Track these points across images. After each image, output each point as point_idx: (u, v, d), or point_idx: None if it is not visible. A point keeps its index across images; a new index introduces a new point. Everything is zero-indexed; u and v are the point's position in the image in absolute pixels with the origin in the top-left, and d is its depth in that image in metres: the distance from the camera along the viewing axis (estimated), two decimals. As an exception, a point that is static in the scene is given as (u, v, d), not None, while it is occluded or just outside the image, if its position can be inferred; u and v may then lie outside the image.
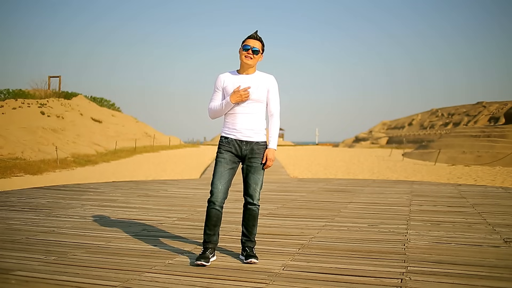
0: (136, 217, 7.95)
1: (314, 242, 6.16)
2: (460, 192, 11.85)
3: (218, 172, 5.17)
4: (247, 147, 5.18)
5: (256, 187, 5.20)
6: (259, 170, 5.20)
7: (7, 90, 53.52)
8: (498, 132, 41.62)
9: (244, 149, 5.18)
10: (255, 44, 5.18)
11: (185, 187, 12.89)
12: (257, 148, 5.20)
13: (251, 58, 5.16)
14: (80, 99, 60.25)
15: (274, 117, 5.30)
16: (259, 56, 5.23)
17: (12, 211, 8.38)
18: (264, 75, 5.28)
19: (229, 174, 5.19)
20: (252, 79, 5.20)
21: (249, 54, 5.15)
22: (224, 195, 5.18)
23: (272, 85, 5.26)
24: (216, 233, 5.24)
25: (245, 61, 5.17)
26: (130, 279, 4.50)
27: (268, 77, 5.28)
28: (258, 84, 5.19)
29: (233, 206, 8.53)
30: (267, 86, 5.24)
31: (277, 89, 5.31)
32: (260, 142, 5.22)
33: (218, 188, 5.14)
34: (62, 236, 6.40)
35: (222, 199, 5.17)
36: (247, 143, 5.18)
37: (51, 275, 4.59)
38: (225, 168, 5.17)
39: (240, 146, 5.18)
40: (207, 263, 5.03)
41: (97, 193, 11.34)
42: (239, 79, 5.21)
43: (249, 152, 5.19)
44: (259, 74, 5.28)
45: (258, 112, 5.21)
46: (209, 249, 5.17)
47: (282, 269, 4.89)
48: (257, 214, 5.27)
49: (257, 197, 5.23)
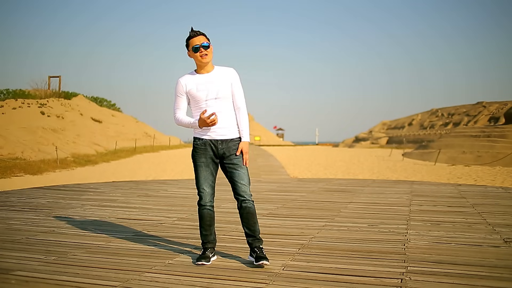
0: (136, 217, 7.95)
1: (314, 242, 6.16)
2: (460, 192, 11.84)
3: (201, 177, 5.18)
4: (223, 145, 5.14)
5: (244, 182, 5.13)
6: (240, 165, 5.16)
7: (7, 90, 53.51)
8: (498, 132, 41.61)
9: (220, 148, 5.14)
10: (200, 40, 5.10)
11: (185, 187, 12.89)
12: (233, 145, 5.16)
13: (206, 55, 5.09)
14: (80, 99, 60.25)
15: (241, 110, 5.23)
16: (211, 48, 5.15)
17: (12, 211, 8.38)
18: (224, 70, 5.22)
19: (212, 175, 5.21)
20: (214, 76, 5.15)
21: (202, 52, 5.08)
22: (212, 195, 5.23)
23: (234, 78, 5.21)
24: (212, 232, 5.26)
25: (202, 60, 5.10)
26: (130, 279, 4.50)
27: (228, 71, 5.22)
28: (220, 80, 5.13)
29: (233, 206, 8.52)
30: (230, 80, 5.18)
31: (239, 81, 5.24)
32: (235, 138, 5.19)
33: (205, 191, 5.18)
34: (62, 236, 6.40)
35: (212, 199, 5.22)
36: (222, 142, 5.14)
37: (51, 275, 4.59)
38: (207, 171, 5.18)
39: (216, 145, 5.14)
40: (208, 262, 5.04)
41: (97, 193, 11.34)
42: (201, 79, 5.13)
43: (226, 150, 5.15)
44: (218, 69, 5.22)
45: (226, 109, 5.15)
46: (208, 248, 5.18)
47: (282, 269, 4.89)
48: (253, 210, 5.18)
49: (248, 193, 5.15)
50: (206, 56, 5.09)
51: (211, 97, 5.10)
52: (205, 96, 5.10)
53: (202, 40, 5.10)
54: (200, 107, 5.14)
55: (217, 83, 5.11)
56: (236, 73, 5.25)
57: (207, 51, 5.09)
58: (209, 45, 5.12)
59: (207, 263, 5.02)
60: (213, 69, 5.21)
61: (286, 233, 6.73)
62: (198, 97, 5.12)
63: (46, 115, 46.00)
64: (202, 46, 5.08)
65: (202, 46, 5.08)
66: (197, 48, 5.08)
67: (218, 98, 5.10)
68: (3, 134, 34.31)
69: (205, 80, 5.13)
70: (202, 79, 5.14)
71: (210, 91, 5.09)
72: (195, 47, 5.09)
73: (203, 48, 5.08)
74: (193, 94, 5.13)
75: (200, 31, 5.16)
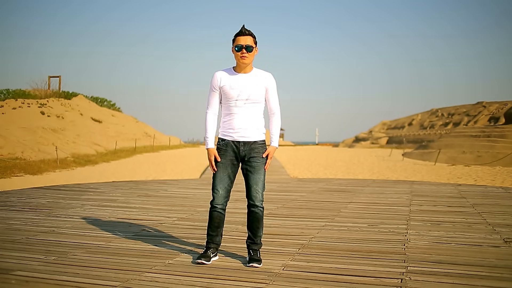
0: (136, 217, 7.95)
1: (314, 242, 6.16)
2: (460, 192, 11.85)
3: (217, 177, 5.15)
4: (245, 147, 5.10)
5: (257, 187, 5.10)
6: (259, 170, 5.12)
7: (7, 90, 53.50)
8: (498, 132, 41.61)
9: (242, 150, 5.11)
10: (246, 41, 5.05)
11: (185, 187, 12.89)
12: (255, 147, 5.12)
13: (246, 57, 5.05)
14: (80, 99, 60.23)
15: (275, 116, 5.23)
16: (254, 51, 5.10)
17: (12, 211, 8.38)
18: (261, 74, 5.17)
19: (229, 178, 5.16)
20: (250, 78, 5.10)
21: (243, 54, 5.04)
22: (226, 198, 5.18)
23: (270, 83, 5.16)
24: (219, 234, 5.25)
25: (241, 61, 5.06)
26: (130, 279, 4.50)
27: (265, 76, 5.17)
28: (255, 83, 5.09)
29: (234, 206, 8.52)
30: (265, 85, 5.13)
31: (275, 87, 5.21)
32: (259, 141, 5.14)
33: (219, 193, 5.14)
34: (62, 236, 6.40)
35: (224, 202, 5.18)
36: (245, 144, 5.10)
37: (51, 275, 4.59)
38: (224, 173, 5.13)
39: (238, 147, 5.10)
40: (208, 262, 5.03)
41: (97, 193, 11.34)
42: (236, 79, 5.10)
43: (248, 153, 5.11)
44: (256, 72, 5.17)
45: (255, 112, 5.11)
46: (211, 248, 5.18)
47: (282, 269, 4.89)
48: (260, 216, 5.17)
49: (259, 199, 5.12)
50: (245, 58, 5.05)
51: (242, 98, 5.06)
52: (236, 96, 5.06)
53: (247, 41, 5.06)
54: (229, 106, 5.11)
55: (251, 85, 5.07)
56: (273, 79, 5.20)
57: (248, 54, 5.04)
58: (253, 48, 5.07)
59: (206, 262, 5.02)
60: (251, 70, 5.17)
61: (286, 233, 6.73)
62: (230, 94, 5.08)
63: (46, 115, 45.99)
64: (246, 47, 5.04)
65: (245, 47, 5.04)
66: (240, 48, 5.05)
67: (249, 100, 5.06)
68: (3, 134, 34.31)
69: (241, 79, 5.09)
70: (237, 78, 5.10)
71: (243, 91, 5.05)
72: (238, 46, 5.05)
73: (246, 49, 5.04)
74: (225, 91, 5.10)
75: (250, 32, 5.12)
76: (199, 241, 6.04)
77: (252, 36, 5.11)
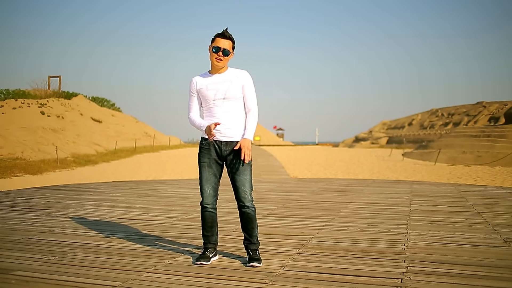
0: (136, 217, 7.95)
1: (314, 242, 6.16)
2: (460, 192, 11.85)
3: (203, 177, 5.16)
4: (227, 147, 5.11)
5: (245, 188, 5.10)
6: (243, 170, 5.10)
7: (7, 90, 53.52)
8: (498, 132, 41.61)
9: (224, 150, 5.11)
10: (225, 45, 5.07)
11: (185, 187, 12.89)
12: (238, 149, 5.10)
13: (221, 60, 5.08)
14: (80, 99, 60.25)
15: (251, 111, 5.20)
16: (230, 56, 5.13)
17: (12, 211, 8.38)
18: (236, 72, 5.19)
19: (215, 176, 5.18)
20: (225, 77, 5.13)
21: (219, 56, 5.06)
22: (215, 197, 5.21)
23: (245, 80, 5.16)
24: (214, 233, 5.26)
25: (215, 63, 5.09)
26: (130, 279, 4.50)
27: (240, 73, 5.18)
28: (231, 81, 5.11)
29: (233, 206, 8.51)
30: (241, 83, 5.14)
31: (251, 84, 5.20)
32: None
33: (207, 192, 5.16)
34: (62, 236, 6.40)
35: (214, 201, 5.20)
36: (227, 144, 5.10)
37: (51, 275, 4.59)
38: (209, 172, 5.15)
39: (220, 147, 5.11)
40: (207, 262, 5.04)
41: (97, 193, 11.34)
42: (212, 80, 5.13)
43: (230, 153, 5.12)
44: (231, 71, 5.19)
45: (235, 110, 5.12)
46: (209, 249, 5.19)
47: (282, 269, 4.89)
48: (253, 216, 5.18)
49: (248, 199, 5.12)
50: (220, 61, 5.08)
51: (218, 97, 5.08)
52: (213, 96, 5.09)
53: (225, 45, 5.07)
54: (208, 107, 5.13)
55: (227, 83, 5.10)
56: (248, 76, 5.21)
57: (223, 57, 5.07)
58: (229, 53, 5.10)
59: (206, 263, 5.03)
60: (226, 70, 5.19)
61: (286, 233, 6.73)
62: (207, 96, 5.11)
63: (46, 115, 46.00)
64: (223, 50, 5.06)
65: (222, 50, 5.06)
66: (217, 49, 5.06)
67: (226, 98, 5.08)
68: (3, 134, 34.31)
69: (216, 80, 5.13)
70: (213, 79, 5.14)
71: (219, 91, 5.07)
72: (216, 47, 5.07)
73: (222, 53, 5.06)
74: (202, 93, 5.14)
75: (231, 36, 5.14)
76: (199, 241, 6.04)
77: (232, 41, 5.15)
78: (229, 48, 5.10)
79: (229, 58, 5.14)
